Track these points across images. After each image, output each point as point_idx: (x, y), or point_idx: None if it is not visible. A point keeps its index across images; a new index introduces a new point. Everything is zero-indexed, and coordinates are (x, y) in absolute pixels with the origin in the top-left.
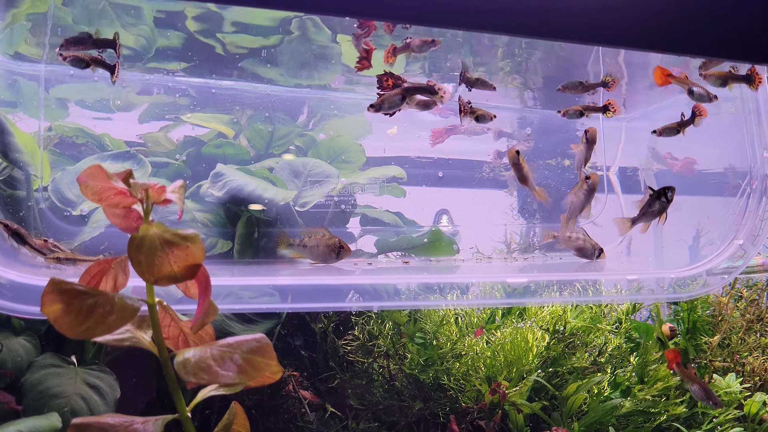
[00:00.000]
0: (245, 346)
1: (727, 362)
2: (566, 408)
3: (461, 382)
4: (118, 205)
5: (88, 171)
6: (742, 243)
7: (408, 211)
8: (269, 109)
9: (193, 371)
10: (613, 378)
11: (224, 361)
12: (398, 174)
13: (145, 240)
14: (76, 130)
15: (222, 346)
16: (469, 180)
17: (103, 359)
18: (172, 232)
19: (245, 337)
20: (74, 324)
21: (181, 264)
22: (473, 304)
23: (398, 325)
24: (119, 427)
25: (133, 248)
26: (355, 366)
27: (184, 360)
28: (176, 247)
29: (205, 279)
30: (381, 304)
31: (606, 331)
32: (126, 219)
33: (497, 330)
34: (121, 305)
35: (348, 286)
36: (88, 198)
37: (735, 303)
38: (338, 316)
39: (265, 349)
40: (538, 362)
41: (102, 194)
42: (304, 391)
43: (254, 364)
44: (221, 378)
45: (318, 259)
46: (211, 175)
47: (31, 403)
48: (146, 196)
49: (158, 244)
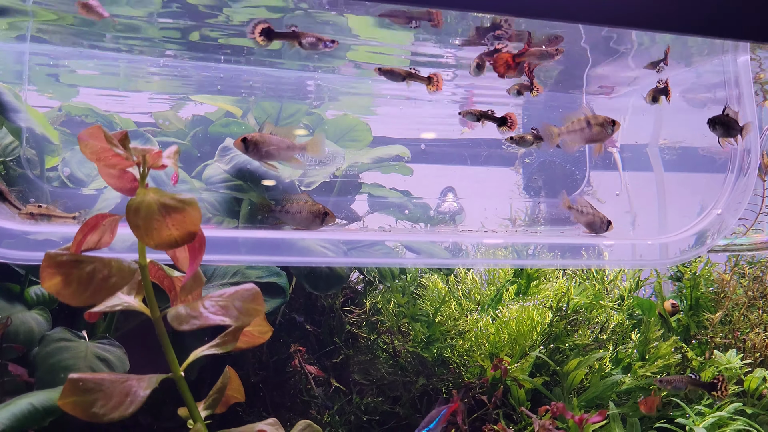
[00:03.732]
0: (235, 294)
1: (729, 339)
2: (567, 383)
3: (464, 358)
4: (115, 166)
5: (88, 130)
6: (720, 212)
7: (415, 189)
8: (277, 88)
9: (185, 319)
10: (615, 354)
11: (214, 307)
12: (402, 153)
13: (143, 204)
14: (85, 109)
15: (212, 296)
16: (475, 158)
17: (113, 334)
18: (170, 195)
19: (234, 287)
20: (77, 293)
21: (180, 228)
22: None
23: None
24: (116, 382)
25: (132, 212)
26: (360, 342)
27: (177, 313)
28: (174, 211)
29: (200, 243)
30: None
31: (608, 308)
32: (121, 180)
33: (503, 308)
34: (118, 268)
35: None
36: (87, 156)
37: (738, 280)
38: (344, 292)
39: (254, 296)
40: (541, 339)
41: (100, 154)
42: (310, 366)
43: (243, 309)
44: (211, 320)
45: (301, 225)
46: (219, 149)
47: (43, 376)
48: (143, 160)
49: (156, 208)
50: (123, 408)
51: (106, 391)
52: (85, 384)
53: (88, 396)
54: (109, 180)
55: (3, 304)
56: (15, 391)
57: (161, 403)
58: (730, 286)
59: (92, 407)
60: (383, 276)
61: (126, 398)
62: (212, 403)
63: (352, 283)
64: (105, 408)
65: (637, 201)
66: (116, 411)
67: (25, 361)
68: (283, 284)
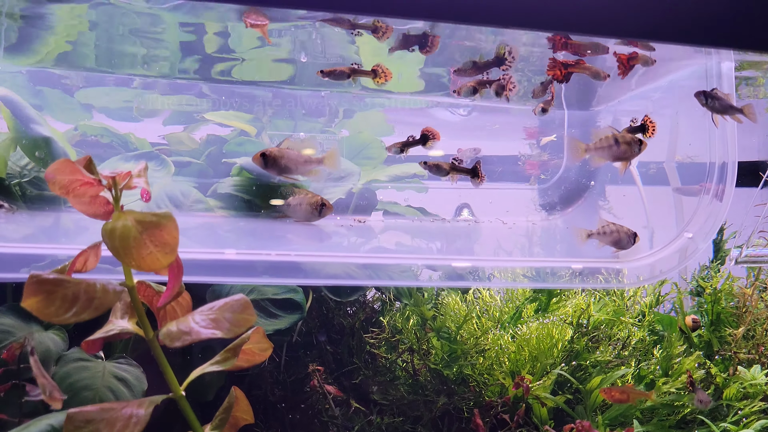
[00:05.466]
0: (224, 307)
1: (752, 354)
2: (590, 401)
3: (485, 377)
4: (85, 194)
5: (54, 166)
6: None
7: (430, 205)
8: (291, 107)
9: (177, 336)
10: (637, 371)
11: (204, 321)
12: (418, 171)
13: (117, 226)
14: (100, 129)
15: (201, 311)
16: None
17: (130, 354)
18: (146, 213)
19: (224, 299)
20: (60, 311)
21: (159, 243)
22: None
23: (424, 321)
24: (115, 408)
25: (107, 235)
26: (379, 361)
27: (168, 331)
28: (154, 227)
29: (178, 265)
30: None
31: (629, 324)
32: (92, 205)
33: (523, 325)
34: (102, 290)
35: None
36: (57, 193)
37: (759, 294)
38: (364, 311)
39: (244, 306)
40: (562, 356)
41: (69, 187)
42: (329, 386)
43: (234, 320)
44: (203, 334)
45: (301, 218)
46: (234, 168)
47: None
48: (114, 183)
49: (132, 228)
50: (128, 430)
51: (108, 419)
52: (84, 416)
53: (90, 427)
54: (81, 207)
55: (19, 324)
56: (33, 413)
57: (169, 428)
58: (752, 301)
59: None
60: (400, 293)
61: (129, 421)
62: (219, 424)
63: (369, 302)
64: None
65: (654, 216)
66: None
67: None
68: (300, 300)
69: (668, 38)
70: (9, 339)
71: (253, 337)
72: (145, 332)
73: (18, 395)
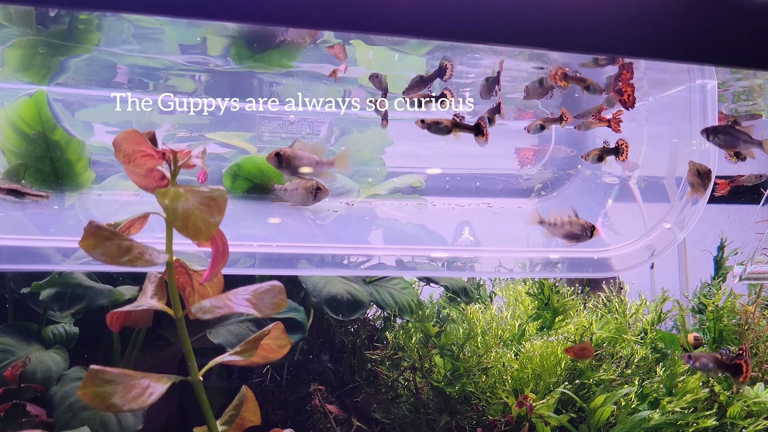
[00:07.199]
0: (258, 289)
1: (755, 372)
2: (594, 420)
3: (488, 395)
4: (144, 165)
5: (122, 135)
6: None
7: (430, 223)
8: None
9: (209, 309)
10: (641, 389)
11: (238, 298)
12: (416, 183)
13: (171, 191)
14: (101, 148)
15: (235, 292)
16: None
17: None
18: (201, 187)
19: (257, 284)
20: (115, 255)
21: (208, 212)
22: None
23: (426, 338)
24: (135, 376)
25: (162, 196)
26: (381, 379)
27: (201, 306)
28: (206, 196)
29: (223, 243)
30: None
31: (631, 341)
32: (147, 178)
33: (526, 342)
34: (151, 250)
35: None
36: (119, 160)
37: (762, 311)
38: (365, 329)
39: (278, 290)
40: (565, 374)
41: (132, 156)
42: (330, 406)
43: (266, 301)
44: (235, 308)
45: (297, 202)
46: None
47: (62, 416)
48: (173, 159)
49: (185, 194)
50: (142, 399)
51: (126, 383)
52: (105, 375)
53: (107, 387)
54: (135, 179)
55: (20, 343)
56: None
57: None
58: (754, 318)
59: (111, 398)
60: (402, 310)
61: (145, 390)
62: (229, 419)
63: (370, 320)
64: (124, 399)
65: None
66: (135, 402)
67: (43, 400)
68: (301, 319)
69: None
70: (10, 358)
71: (272, 332)
72: (174, 311)
73: (18, 415)
